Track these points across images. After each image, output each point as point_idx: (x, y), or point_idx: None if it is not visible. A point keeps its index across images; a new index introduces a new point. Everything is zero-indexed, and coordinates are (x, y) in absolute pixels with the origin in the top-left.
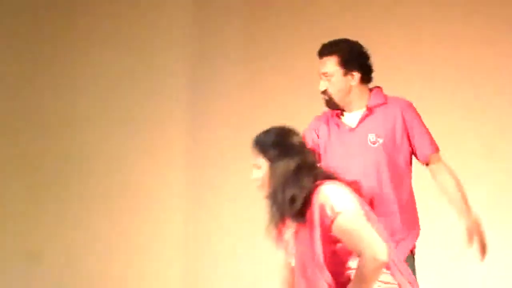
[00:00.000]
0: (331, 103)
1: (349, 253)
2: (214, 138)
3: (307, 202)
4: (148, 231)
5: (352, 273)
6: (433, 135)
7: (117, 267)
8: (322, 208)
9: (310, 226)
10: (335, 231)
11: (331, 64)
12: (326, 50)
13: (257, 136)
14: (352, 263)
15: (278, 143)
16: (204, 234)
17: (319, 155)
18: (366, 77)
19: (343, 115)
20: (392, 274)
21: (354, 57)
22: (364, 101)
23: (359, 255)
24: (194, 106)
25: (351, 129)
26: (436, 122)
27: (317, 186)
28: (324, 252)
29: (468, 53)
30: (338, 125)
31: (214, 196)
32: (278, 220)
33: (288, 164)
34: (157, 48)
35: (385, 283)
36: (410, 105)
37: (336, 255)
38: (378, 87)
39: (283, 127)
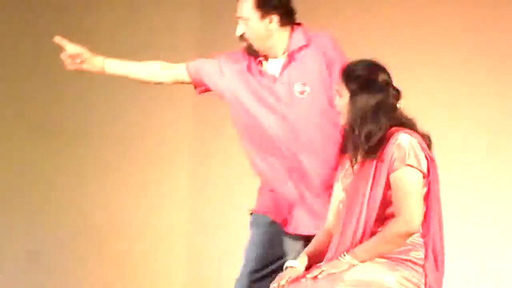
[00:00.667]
0: (251, 50)
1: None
2: (219, 131)
3: (381, 141)
4: (153, 226)
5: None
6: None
7: (118, 266)
8: (395, 153)
9: (379, 165)
10: (392, 179)
11: (247, 7)
12: None
13: (346, 65)
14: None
15: (363, 77)
16: (208, 227)
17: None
18: (287, 19)
19: (266, 61)
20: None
21: None
22: (286, 45)
23: (395, 214)
24: (200, 98)
25: (275, 79)
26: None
27: (395, 129)
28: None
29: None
30: (261, 73)
31: (219, 188)
32: (351, 152)
33: (368, 100)
34: (162, 45)
35: (407, 280)
36: (331, 41)
37: (385, 204)
38: (299, 24)
39: (373, 62)
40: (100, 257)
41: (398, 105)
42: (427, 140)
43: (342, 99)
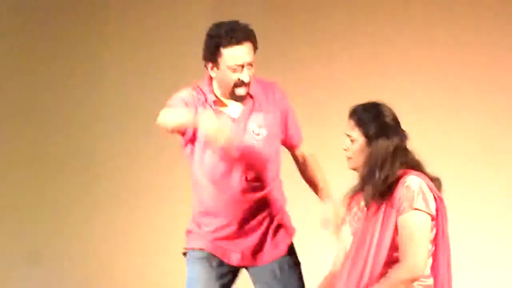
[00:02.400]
0: (239, 95)
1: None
2: None
3: (392, 183)
4: (152, 231)
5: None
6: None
7: (119, 267)
8: (402, 196)
9: (388, 208)
10: (399, 222)
11: (252, 53)
12: (247, 35)
13: (355, 108)
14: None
15: (378, 120)
16: None
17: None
18: None
19: (223, 103)
20: None
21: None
22: None
23: (400, 259)
24: None
25: (233, 119)
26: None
27: (406, 171)
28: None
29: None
30: (218, 112)
31: None
32: (370, 197)
33: (387, 144)
34: (172, 46)
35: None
36: (281, 90)
37: (394, 247)
38: None
39: (382, 103)
40: (100, 257)
41: (409, 148)
42: (437, 183)
43: (355, 144)
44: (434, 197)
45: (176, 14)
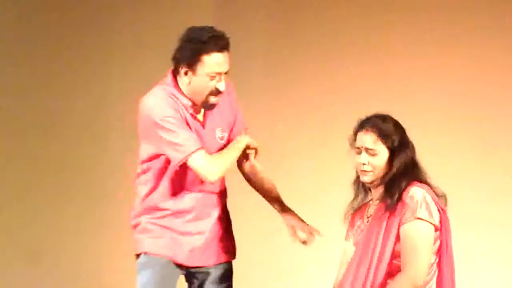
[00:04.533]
0: (207, 103)
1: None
2: None
3: (399, 194)
4: None
5: None
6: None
7: (119, 267)
8: (406, 206)
9: (391, 218)
10: (402, 231)
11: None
12: (227, 44)
13: (371, 121)
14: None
15: (399, 133)
16: None
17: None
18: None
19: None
20: None
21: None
22: None
23: (401, 269)
24: None
25: (202, 124)
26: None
27: (411, 183)
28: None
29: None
30: (193, 117)
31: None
32: (391, 206)
33: (408, 155)
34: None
35: None
36: (233, 89)
37: (395, 257)
38: None
39: (390, 115)
40: (100, 257)
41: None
42: (442, 199)
43: (378, 158)
44: (438, 209)
45: (178, 17)
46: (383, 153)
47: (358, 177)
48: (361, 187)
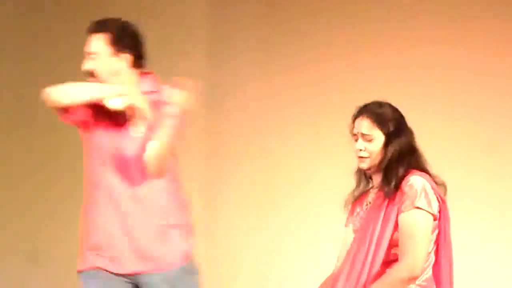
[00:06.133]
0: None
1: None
2: (231, 136)
3: (398, 183)
4: None
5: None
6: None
7: None
8: (405, 194)
9: (390, 206)
10: (400, 220)
11: (99, 42)
12: (96, 27)
13: (368, 107)
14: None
15: (396, 119)
16: (222, 232)
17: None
18: (138, 62)
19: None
20: None
21: (125, 38)
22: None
23: (399, 258)
24: (212, 105)
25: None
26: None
27: (410, 171)
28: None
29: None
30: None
31: (231, 192)
32: (389, 194)
33: (404, 142)
34: (172, 46)
35: None
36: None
37: (393, 245)
38: (150, 73)
39: (388, 102)
40: None
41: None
42: (442, 188)
43: (374, 143)
44: (437, 198)
45: (172, 15)
46: (378, 139)
47: None
48: (363, 176)
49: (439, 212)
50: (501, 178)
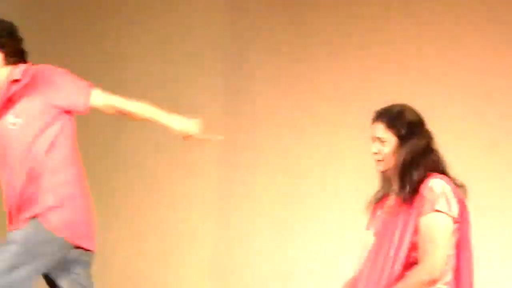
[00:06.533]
0: None
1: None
2: (248, 136)
3: (417, 185)
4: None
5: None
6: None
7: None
8: (425, 198)
9: (410, 209)
10: (420, 223)
11: None
12: None
13: (383, 111)
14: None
15: (410, 122)
16: (236, 234)
17: None
18: (11, 58)
19: None
20: None
21: None
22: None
23: (419, 261)
24: (229, 106)
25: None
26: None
27: (430, 174)
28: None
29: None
30: None
31: (247, 193)
32: (407, 195)
33: (418, 144)
34: (193, 46)
35: None
36: (47, 69)
37: (413, 248)
38: (23, 62)
39: (409, 105)
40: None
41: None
42: (462, 189)
43: (387, 145)
44: (457, 201)
45: (191, 11)
46: (391, 141)
47: None
48: (385, 178)
49: (459, 215)
50: (502, 179)
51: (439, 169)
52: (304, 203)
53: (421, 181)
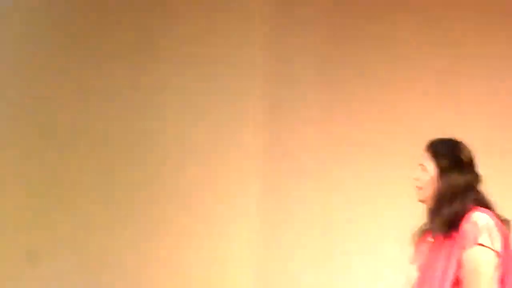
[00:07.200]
0: None
1: None
2: (291, 140)
3: (461, 219)
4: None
5: None
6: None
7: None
8: (468, 231)
9: (453, 244)
10: (464, 258)
11: None
12: None
13: (433, 141)
14: None
15: (453, 155)
16: (278, 237)
17: None
18: None
19: None
20: None
21: None
22: None
23: None
24: (271, 109)
25: None
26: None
27: (474, 208)
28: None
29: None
30: None
31: (290, 198)
32: (437, 231)
33: (459, 179)
34: (235, 49)
35: None
36: None
37: (457, 283)
38: None
39: (460, 141)
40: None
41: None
42: (507, 225)
43: (426, 174)
44: (501, 236)
45: (235, 18)
46: (430, 170)
47: None
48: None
49: (503, 249)
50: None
51: (483, 204)
52: (348, 229)
53: (460, 215)
